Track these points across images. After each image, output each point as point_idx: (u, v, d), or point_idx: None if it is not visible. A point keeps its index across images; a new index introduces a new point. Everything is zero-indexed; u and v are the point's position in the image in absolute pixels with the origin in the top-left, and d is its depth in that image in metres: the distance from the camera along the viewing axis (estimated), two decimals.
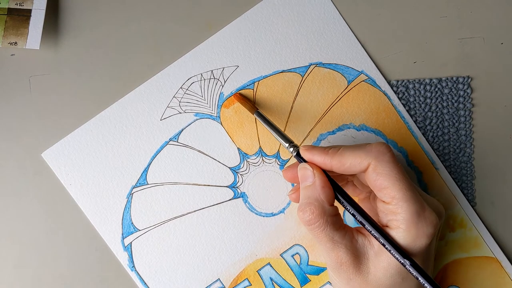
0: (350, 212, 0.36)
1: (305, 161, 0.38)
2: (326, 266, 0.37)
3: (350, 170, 0.36)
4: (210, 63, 0.44)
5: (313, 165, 0.37)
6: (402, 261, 0.34)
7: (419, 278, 0.34)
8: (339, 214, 0.37)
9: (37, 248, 0.44)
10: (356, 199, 0.41)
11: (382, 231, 0.35)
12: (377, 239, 0.35)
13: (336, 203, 0.37)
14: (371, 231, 0.35)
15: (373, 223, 0.36)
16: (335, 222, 0.36)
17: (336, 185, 0.37)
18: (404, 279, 0.36)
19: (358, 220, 0.36)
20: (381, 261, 0.35)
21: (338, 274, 0.36)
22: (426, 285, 0.34)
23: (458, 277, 0.45)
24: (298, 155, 0.38)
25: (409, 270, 0.34)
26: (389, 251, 0.35)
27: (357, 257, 0.36)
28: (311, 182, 0.36)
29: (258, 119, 0.41)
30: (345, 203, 0.36)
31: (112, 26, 0.44)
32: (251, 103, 0.43)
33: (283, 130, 0.44)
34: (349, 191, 0.41)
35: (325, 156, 0.36)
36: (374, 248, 0.36)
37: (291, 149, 0.39)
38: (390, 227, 0.35)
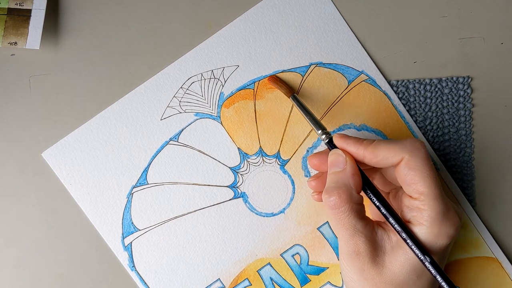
0: (375, 204, 0.36)
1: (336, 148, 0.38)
2: (340, 255, 0.37)
3: (382, 163, 0.36)
4: (210, 62, 0.44)
5: (345, 152, 0.37)
6: (422, 257, 0.34)
7: (437, 277, 0.34)
8: (363, 204, 0.37)
9: (37, 248, 0.44)
10: None
11: (404, 226, 0.35)
12: (398, 233, 0.35)
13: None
14: (393, 225, 0.35)
15: (397, 217, 0.36)
16: (359, 211, 0.36)
17: (364, 176, 0.37)
18: (419, 277, 0.36)
19: (382, 212, 0.36)
20: (398, 256, 0.35)
21: (352, 263, 0.36)
22: (443, 284, 0.34)
23: (459, 277, 0.45)
24: (330, 143, 0.38)
25: (428, 267, 0.34)
26: (410, 246, 0.35)
27: (374, 248, 0.36)
28: (341, 168, 0.37)
29: (294, 103, 0.41)
30: (371, 195, 0.37)
31: (112, 26, 0.44)
32: (288, 86, 0.43)
33: (284, 130, 0.44)
34: (375, 183, 0.41)
35: (359, 146, 0.37)
36: (392, 243, 0.36)
37: (323, 136, 0.39)
38: (413, 223, 0.35)
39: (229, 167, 0.44)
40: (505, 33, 0.45)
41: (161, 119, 0.44)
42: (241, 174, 0.44)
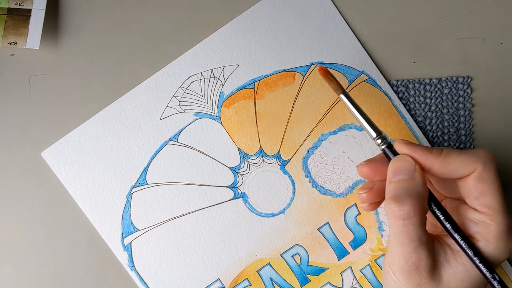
0: (439, 218, 0.34)
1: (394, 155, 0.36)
2: (392, 267, 0.35)
3: (451, 174, 0.34)
4: (210, 62, 0.44)
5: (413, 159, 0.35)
6: (489, 275, 0.33)
7: None
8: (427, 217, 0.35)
9: (37, 248, 0.44)
10: None
11: (470, 242, 0.34)
12: (463, 250, 0.34)
13: None
14: (459, 241, 0.34)
15: (461, 232, 0.34)
16: (425, 223, 0.34)
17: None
18: None
19: (445, 227, 0.34)
20: (458, 273, 0.34)
21: (409, 277, 0.34)
22: None
23: None
24: (389, 149, 0.36)
25: (496, 286, 0.33)
26: (477, 264, 0.33)
27: (433, 263, 0.34)
28: (409, 176, 0.34)
29: (345, 103, 0.38)
30: (435, 208, 0.35)
31: (112, 26, 0.44)
32: (337, 82, 0.39)
33: (284, 130, 0.44)
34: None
35: (429, 155, 0.34)
36: (448, 257, 0.34)
37: (379, 140, 0.36)
38: (477, 239, 0.34)
39: (229, 167, 0.44)
40: (505, 33, 0.45)
41: (160, 119, 0.44)
42: (241, 175, 0.44)
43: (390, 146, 0.36)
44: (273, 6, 0.44)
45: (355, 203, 0.44)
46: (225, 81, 0.44)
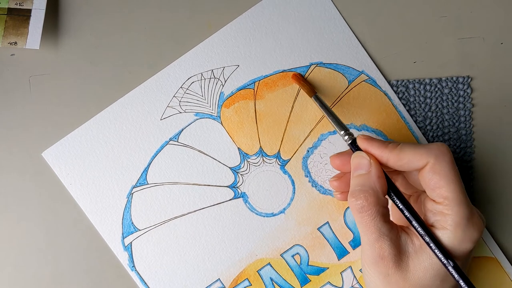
0: (398, 207, 0.36)
1: (359, 150, 0.38)
2: (363, 259, 0.37)
3: (406, 166, 0.36)
4: (211, 62, 0.44)
5: (369, 155, 0.37)
6: (445, 261, 0.34)
7: (460, 281, 0.34)
8: (388, 208, 0.37)
9: (37, 248, 0.44)
10: None
11: (428, 230, 0.35)
12: (422, 237, 0.35)
13: None
14: (417, 228, 0.35)
15: (420, 220, 0.36)
16: (385, 214, 0.36)
17: (388, 179, 0.37)
18: (442, 282, 0.36)
19: (405, 216, 0.36)
20: (423, 261, 0.35)
21: (376, 268, 0.36)
22: None
23: None
24: (353, 144, 0.38)
25: (451, 272, 0.34)
26: (433, 250, 0.35)
27: (399, 252, 0.36)
28: (365, 171, 0.36)
29: (315, 103, 0.41)
30: (395, 197, 0.36)
31: (112, 26, 0.44)
32: (310, 86, 0.43)
33: (284, 130, 0.44)
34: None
35: (384, 149, 0.37)
36: (416, 247, 0.36)
37: (346, 137, 0.39)
38: (436, 227, 0.35)
39: (229, 167, 0.44)
40: (505, 33, 0.45)
41: (161, 119, 0.44)
42: (241, 174, 0.44)
43: (354, 142, 0.38)
44: (273, 6, 0.44)
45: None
46: (225, 82, 0.44)
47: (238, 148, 0.44)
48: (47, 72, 0.44)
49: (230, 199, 0.44)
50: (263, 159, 0.44)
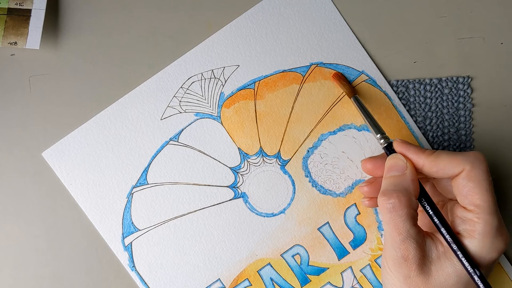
0: (428, 213, 0.36)
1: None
2: (384, 259, 0.37)
3: (441, 173, 0.36)
4: (211, 62, 0.44)
5: (406, 158, 0.37)
6: (471, 270, 0.34)
7: None
8: (417, 212, 0.37)
9: (37, 248, 0.44)
10: None
11: (455, 237, 0.35)
12: (449, 244, 0.35)
13: None
14: (445, 235, 0.35)
15: (449, 228, 0.36)
16: (414, 217, 0.36)
17: (419, 184, 0.37)
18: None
19: (434, 222, 0.36)
20: (446, 267, 0.35)
21: (398, 269, 0.36)
22: None
23: None
24: (388, 148, 0.39)
25: (477, 281, 0.34)
26: (460, 258, 0.35)
27: (422, 256, 0.36)
28: (400, 173, 0.37)
29: (354, 104, 0.42)
30: (425, 203, 0.37)
31: (112, 26, 0.44)
32: (351, 87, 0.43)
33: (284, 131, 0.44)
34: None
35: (421, 154, 0.37)
36: (439, 253, 0.36)
37: (382, 140, 0.39)
38: (464, 236, 0.35)
39: (229, 167, 0.44)
40: (505, 33, 0.45)
41: (161, 119, 0.44)
42: (241, 174, 0.44)
43: (390, 145, 0.39)
44: (273, 6, 0.44)
45: (355, 203, 0.44)
46: (225, 82, 0.44)
47: (238, 148, 0.44)
48: (47, 72, 0.44)
49: (230, 199, 0.44)
50: (263, 159, 0.44)
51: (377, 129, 0.40)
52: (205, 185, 0.44)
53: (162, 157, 0.44)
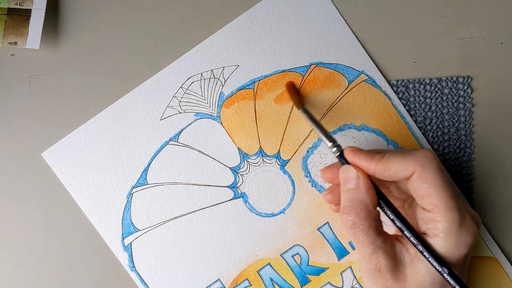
0: (389, 218, 0.36)
1: (347, 162, 0.37)
2: (362, 273, 0.37)
3: (394, 176, 0.36)
4: (210, 62, 0.44)
5: (357, 167, 0.37)
6: (439, 269, 0.34)
7: (457, 287, 0.34)
8: (380, 219, 0.36)
9: (37, 248, 0.44)
10: None
11: (420, 238, 0.35)
12: (415, 246, 0.35)
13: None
14: (409, 238, 0.35)
15: (412, 229, 0.35)
16: (378, 227, 0.36)
17: (377, 189, 0.37)
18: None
19: (397, 226, 0.36)
20: (419, 269, 0.35)
21: (374, 281, 0.36)
22: None
23: None
24: (341, 156, 0.38)
25: (447, 278, 0.34)
26: (427, 258, 0.34)
27: (395, 263, 0.35)
28: (354, 185, 0.36)
29: (303, 115, 0.41)
30: (386, 208, 0.36)
31: (112, 26, 0.44)
32: (299, 98, 0.43)
33: (284, 131, 0.44)
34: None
35: (371, 161, 0.36)
36: (411, 256, 0.36)
37: (334, 149, 0.38)
38: (429, 235, 0.35)
39: (229, 167, 0.44)
40: (505, 33, 0.45)
41: (161, 119, 0.44)
42: (241, 174, 0.44)
43: (342, 154, 0.38)
44: (273, 6, 0.44)
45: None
46: (225, 82, 0.44)
47: (238, 148, 0.44)
48: (47, 72, 0.44)
49: (230, 199, 0.44)
50: (263, 159, 0.44)
51: (329, 138, 0.39)
52: (204, 185, 0.44)
53: (162, 157, 0.44)
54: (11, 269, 0.44)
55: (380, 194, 0.36)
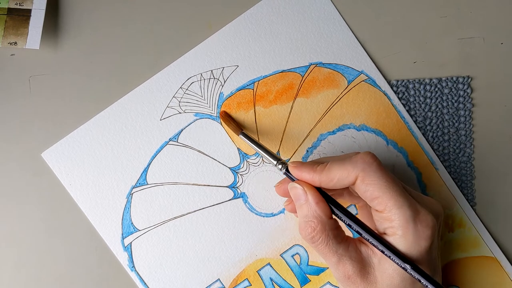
0: (345, 223, 0.36)
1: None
2: (336, 280, 0.38)
3: (339, 185, 0.36)
4: (210, 62, 0.44)
5: (303, 182, 0.37)
6: (402, 265, 0.34)
7: (421, 281, 0.34)
8: (339, 227, 0.37)
9: (37, 248, 0.44)
10: (357, 206, 0.42)
11: (380, 238, 0.35)
12: (375, 247, 0.35)
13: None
14: (368, 239, 0.35)
15: (370, 231, 0.36)
16: (337, 235, 0.36)
17: (329, 197, 0.37)
18: (411, 284, 0.36)
19: (355, 230, 0.36)
20: (386, 269, 0.35)
21: (347, 287, 0.36)
22: (429, 286, 0.34)
23: (458, 277, 0.45)
24: (288, 172, 0.38)
25: (411, 273, 0.34)
26: (389, 257, 0.35)
27: (363, 267, 0.36)
28: (304, 201, 0.37)
29: (244, 140, 0.41)
30: (340, 214, 0.36)
31: (112, 26, 0.44)
32: (236, 124, 0.43)
33: (283, 131, 0.44)
34: (347, 199, 0.41)
35: (314, 174, 0.37)
36: (378, 257, 0.36)
37: (280, 166, 0.39)
38: (388, 234, 0.35)
39: (229, 167, 0.44)
40: (505, 33, 0.45)
41: (160, 119, 0.44)
42: (240, 174, 0.44)
43: (288, 170, 0.38)
44: (272, 7, 0.44)
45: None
46: (224, 82, 0.44)
47: (238, 148, 0.44)
48: (47, 72, 0.44)
49: (230, 199, 0.44)
50: (262, 159, 0.44)
51: (273, 157, 0.39)
52: (204, 185, 0.44)
53: (161, 157, 0.44)
54: (11, 269, 0.44)
55: (334, 202, 0.37)
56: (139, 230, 0.44)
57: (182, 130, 0.44)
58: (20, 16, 0.42)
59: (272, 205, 0.44)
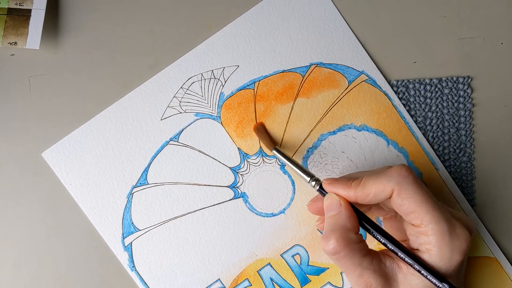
0: (381, 242, 0.36)
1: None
2: None
3: (375, 200, 0.36)
4: (211, 62, 0.44)
5: (339, 196, 0.37)
6: (440, 285, 0.34)
7: None
8: (364, 240, 0.36)
9: (37, 248, 0.44)
10: (381, 219, 0.42)
11: (414, 257, 0.35)
12: (411, 266, 0.35)
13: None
14: (404, 259, 0.35)
15: (405, 250, 0.35)
16: (362, 249, 0.36)
17: (362, 215, 0.37)
18: None
19: (390, 249, 0.35)
20: (415, 284, 0.35)
21: None
22: None
23: None
24: (321, 188, 0.38)
25: None
26: (426, 276, 0.34)
27: (386, 281, 0.35)
28: (336, 211, 0.36)
29: (277, 156, 0.41)
30: (375, 233, 0.36)
31: (112, 26, 0.44)
32: (270, 138, 0.43)
33: (284, 131, 0.44)
34: (375, 212, 0.41)
35: (349, 190, 0.36)
36: (403, 271, 0.35)
37: (313, 183, 0.39)
38: (422, 251, 0.35)
39: (229, 167, 0.44)
40: (505, 33, 0.45)
41: (161, 119, 0.44)
42: (241, 174, 0.44)
43: (322, 186, 0.38)
44: (273, 7, 0.44)
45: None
46: (225, 82, 0.44)
47: (238, 148, 0.44)
48: (47, 72, 0.44)
49: (230, 199, 0.44)
50: (263, 159, 0.44)
51: (307, 174, 0.39)
52: (205, 185, 0.44)
53: (162, 157, 0.44)
54: (11, 269, 0.44)
55: (367, 219, 0.37)
56: (140, 230, 0.44)
57: (182, 130, 0.44)
58: (20, 16, 0.42)
59: (272, 205, 0.44)
